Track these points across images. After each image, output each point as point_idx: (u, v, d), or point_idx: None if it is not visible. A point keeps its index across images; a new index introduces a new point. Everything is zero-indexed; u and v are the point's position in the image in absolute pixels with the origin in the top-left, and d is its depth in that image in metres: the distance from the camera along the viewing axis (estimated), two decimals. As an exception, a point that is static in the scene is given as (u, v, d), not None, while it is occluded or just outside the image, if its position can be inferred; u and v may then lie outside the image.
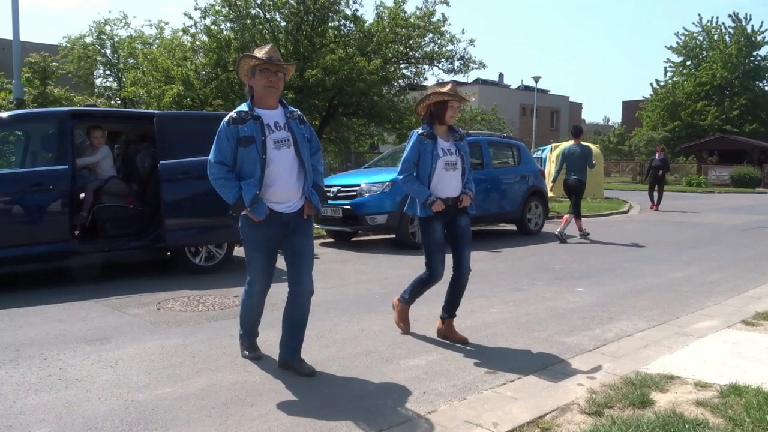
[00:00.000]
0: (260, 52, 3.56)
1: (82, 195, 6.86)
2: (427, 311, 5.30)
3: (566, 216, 10.48)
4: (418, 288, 4.62)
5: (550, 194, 12.79)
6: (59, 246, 6.11)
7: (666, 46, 50.00)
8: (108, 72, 33.54)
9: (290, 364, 3.72)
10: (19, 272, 6.29)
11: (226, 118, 3.57)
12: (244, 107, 3.60)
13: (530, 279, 6.81)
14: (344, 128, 20.29)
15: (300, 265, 3.67)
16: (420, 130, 4.40)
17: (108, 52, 32.55)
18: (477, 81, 42.89)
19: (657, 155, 17.26)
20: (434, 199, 4.25)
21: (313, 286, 3.72)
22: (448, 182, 4.33)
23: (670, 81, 42.62)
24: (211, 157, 3.57)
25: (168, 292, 5.97)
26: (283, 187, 3.58)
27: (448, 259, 4.50)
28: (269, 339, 4.42)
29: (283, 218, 3.61)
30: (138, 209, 7.07)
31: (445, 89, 4.38)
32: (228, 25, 16.91)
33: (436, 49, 19.18)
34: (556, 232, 10.20)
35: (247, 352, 4.02)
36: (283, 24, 17.32)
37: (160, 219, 6.62)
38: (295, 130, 3.63)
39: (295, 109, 3.76)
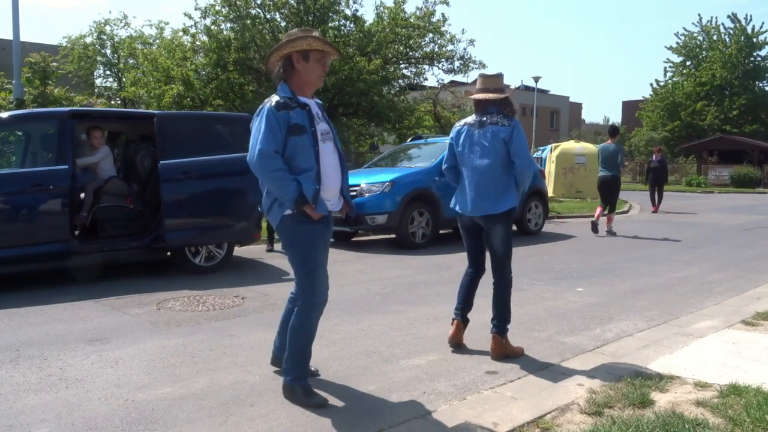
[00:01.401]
0: (313, 33, 3.20)
1: (82, 195, 6.87)
2: (426, 311, 5.31)
3: (610, 216, 11.13)
4: (509, 301, 4.16)
5: (550, 194, 12.89)
6: (59, 246, 6.11)
7: (666, 46, 50.03)
8: (108, 72, 33.55)
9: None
10: (19, 272, 6.29)
11: (273, 104, 3.13)
12: (286, 93, 3.19)
13: (530, 279, 6.81)
14: (344, 128, 20.29)
15: None
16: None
17: (108, 52, 32.55)
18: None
19: (654, 156, 17.23)
20: None
21: None
22: None
23: (669, 81, 42.61)
24: (261, 145, 3.04)
25: (168, 292, 5.97)
26: (331, 182, 3.24)
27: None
28: (270, 339, 4.42)
29: (330, 217, 3.31)
30: (138, 209, 7.07)
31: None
32: (228, 25, 16.91)
33: (436, 49, 19.18)
34: (605, 232, 10.94)
35: (310, 396, 3.21)
36: (283, 24, 17.30)
37: (160, 219, 6.62)
38: (329, 122, 3.37)
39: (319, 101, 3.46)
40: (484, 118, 4.06)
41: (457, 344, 4.22)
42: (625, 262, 8.10)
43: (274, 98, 3.19)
